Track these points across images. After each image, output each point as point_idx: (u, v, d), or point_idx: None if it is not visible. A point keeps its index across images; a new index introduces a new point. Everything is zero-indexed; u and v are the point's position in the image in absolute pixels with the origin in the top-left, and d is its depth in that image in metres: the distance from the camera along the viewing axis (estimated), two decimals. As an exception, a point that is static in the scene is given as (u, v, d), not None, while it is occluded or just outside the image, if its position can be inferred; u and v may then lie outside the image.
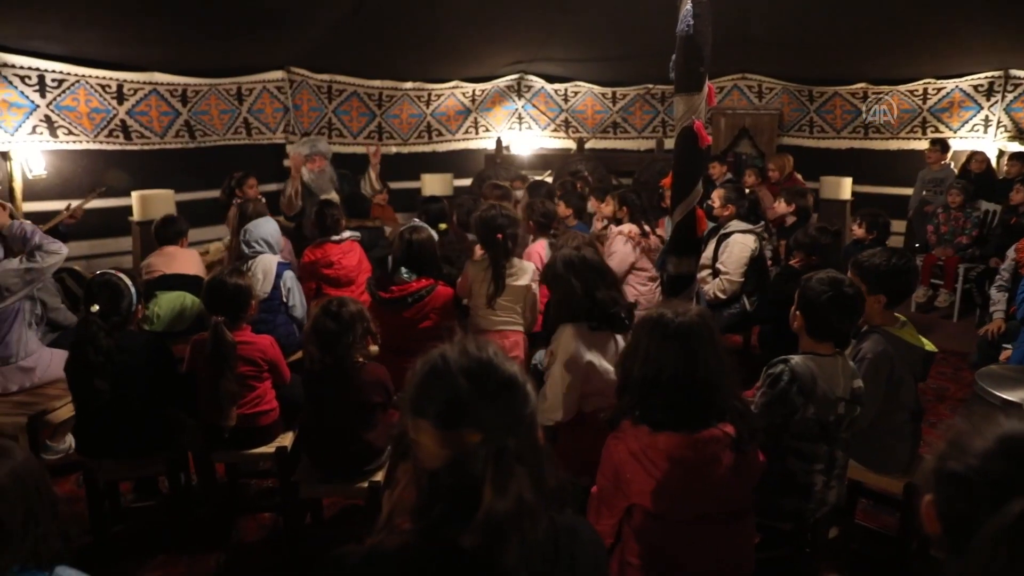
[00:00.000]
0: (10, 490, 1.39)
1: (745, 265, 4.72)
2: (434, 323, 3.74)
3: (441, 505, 1.14)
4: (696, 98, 3.61)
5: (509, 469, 1.12)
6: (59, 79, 6.30)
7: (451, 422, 1.16)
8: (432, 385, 1.20)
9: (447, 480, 1.15)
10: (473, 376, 1.18)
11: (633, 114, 9.46)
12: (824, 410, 2.44)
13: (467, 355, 1.21)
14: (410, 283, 3.74)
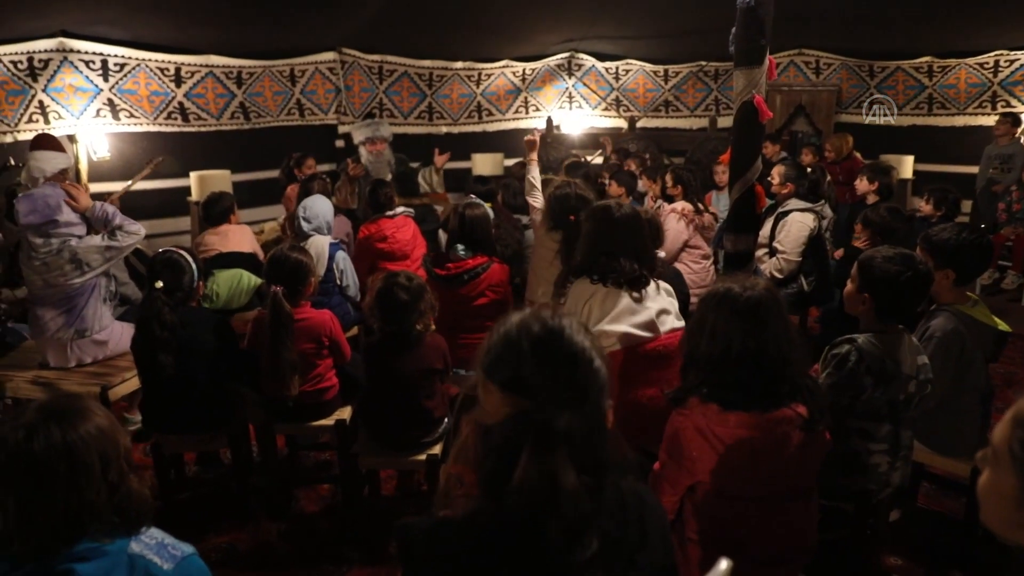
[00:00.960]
0: (92, 448, 1.42)
1: (803, 244, 4.61)
2: (489, 300, 3.76)
3: (492, 462, 1.18)
4: (756, 72, 3.53)
5: (550, 444, 1.13)
6: (121, 63, 6.47)
7: (513, 388, 1.20)
8: (503, 350, 1.23)
9: (496, 438, 1.18)
10: (538, 345, 1.21)
11: (686, 92, 9.30)
12: (893, 389, 2.38)
13: (540, 323, 1.23)
14: (466, 260, 3.76)
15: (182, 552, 1.49)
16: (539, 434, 1.14)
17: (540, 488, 1.12)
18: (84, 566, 1.39)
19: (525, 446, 1.13)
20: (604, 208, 2.92)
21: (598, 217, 2.89)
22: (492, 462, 1.18)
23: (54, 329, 3.48)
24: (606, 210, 2.90)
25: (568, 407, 1.17)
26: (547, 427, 1.14)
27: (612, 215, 2.86)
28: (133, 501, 1.48)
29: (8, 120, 5.85)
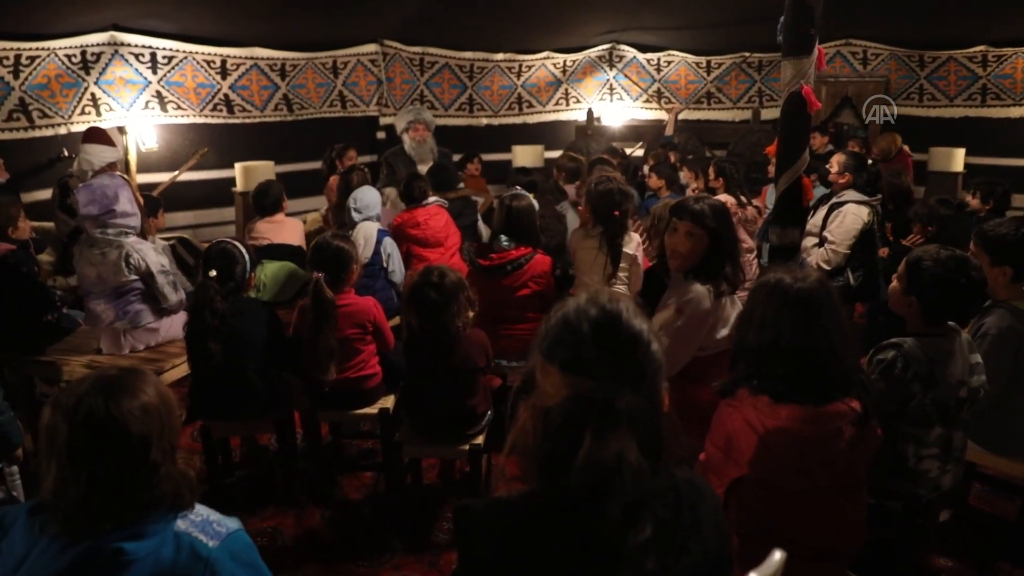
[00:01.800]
0: (133, 424, 1.42)
1: (854, 237, 4.51)
2: (531, 292, 3.77)
3: (552, 443, 1.18)
4: (805, 62, 3.45)
5: (614, 422, 1.15)
6: (169, 56, 6.59)
7: (573, 368, 1.21)
8: (562, 332, 1.24)
9: (557, 418, 1.18)
10: (598, 326, 1.22)
11: (728, 84, 9.16)
12: (944, 395, 2.31)
13: (598, 306, 1.24)
14: (509, 251, 3.76)
15: (227, 528, 1.51)
16: (602, 412, 1.15)
17: (604, 465, 1.12)
18: (132, 544, 1.40)
19: (588, 425, 1.14)
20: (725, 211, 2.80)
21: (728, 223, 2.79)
22: (552, 443, 1.18)
23: (107, 320, 3.56)
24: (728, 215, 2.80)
25: (628, 387, 1.18)
26: (610, 405, 1.15)
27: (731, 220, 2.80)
28: (177, 480, 1.49)
29: (62, 112, 6.00)
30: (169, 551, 1.43)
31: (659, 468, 1.23)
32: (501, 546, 1.22)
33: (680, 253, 2.67)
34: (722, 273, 2.67)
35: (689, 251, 2.66)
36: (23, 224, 4.09)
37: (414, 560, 3.08)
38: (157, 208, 4.71)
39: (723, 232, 2.67)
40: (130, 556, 1.40)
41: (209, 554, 1.44)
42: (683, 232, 2.64)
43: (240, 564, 1.49)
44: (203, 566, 1.43)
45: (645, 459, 1.16)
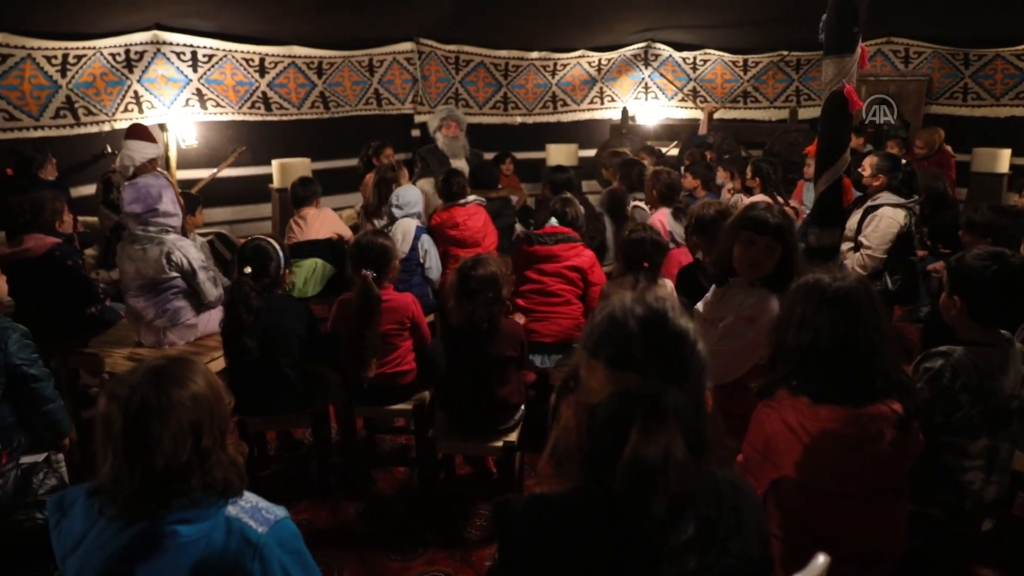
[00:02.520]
0: (185, 413, 1.47)
1: (891, 242, 4.42)
2: (575, 264, 3.98)
3: (596, 439, 1.18)
4: (848, 60, 3.41)
5: (661, 419, 1.14)
6: (209, 54, 6.70)
7: (619, 364, 1.20)
8: (609, 328, 1.24)
9: (603, 414, 1.18)
10: (645, 323, 1.22)
11: (765, 83, 9.05)
12: (993, 407, 2.25)
13: (644, 304, 1.24)
14: (558, 227, 4.08)
15: (275, 516, 1.55)
16: (649, 408, 1.14)
17: (650, 462, 1.11)
18: (186, 528, 1.46)
19: (634, 421, 1.13)
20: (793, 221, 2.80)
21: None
22: (596, 439, 1.18)
23: (147, 318, 3.63)
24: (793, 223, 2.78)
25: (674, 383, 1.17)
26: (657, 401, 1.14)
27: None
28: (227, 468, 1.53)
29: (107, 109, 6.13)
30: (220, 535, 1.48)
31: (701, 467, 1.22)
32: (542, 542, 1.22)
33: (764, 268, 2.62)
34: (790, 281, 2.63)
35: (770, 264, 2.62)
36: (68, 218, 4.18)
37: (446, 555, 3.10)
38: (196, 205, 4.79)
39: (794, 242, 2.64)
40: (183, 539, 1.45)
41: (258, 539, 1.49)
42: (764, 247, 2.58)
43: (286, 551, 1.54)
44: (252, 551, 1.48)
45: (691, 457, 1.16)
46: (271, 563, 1.50)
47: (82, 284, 3.99)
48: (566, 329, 3.95)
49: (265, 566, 1.49)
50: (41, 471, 1.97)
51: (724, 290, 2.73)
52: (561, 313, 3.96)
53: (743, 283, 2.67)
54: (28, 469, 1.95)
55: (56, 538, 1.58)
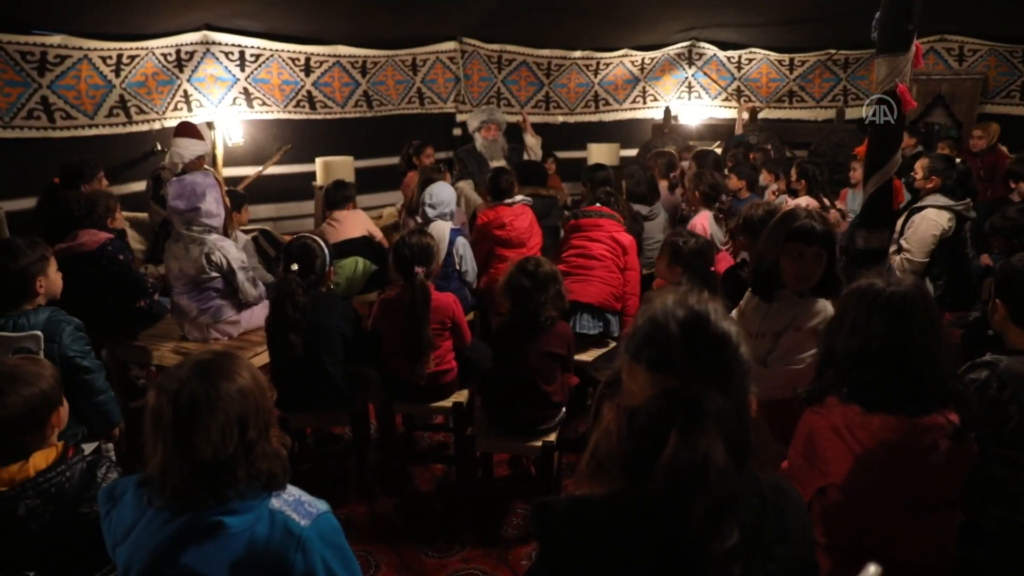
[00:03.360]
0: (232, 407, 1.50)
1: (930, 245, 4.29)
2: (613, 235, 4.15)
3: (636, 443, 1.17)
4: (901, 60, 3.33)
5: (701, 422, 1.13)
6: (256, 54, 6.82)
7: (660, 367, 1.19)
8: (650, 331, 1.22)
9: (643, 418, 1.17)
10: (687, 326, 1.20)
11: (812, 82, 8.88)
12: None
13: (685, 306, 1.22)
14: (604, 208, 4.27)
15: (317, 509, 1.58)
16: (689, 411, 1.13)
17: (690, 466, 1.11)
18: (232, 519, 1.49)
19: (674, 424, 1.12)
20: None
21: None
22: (636, 442, 1.17)
23: (191, 315, 3.70)
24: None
25: (716, 387, 1.16)
26: (697, 404, 1.13)
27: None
28: (271, 460, 1.56)
29: (157, 108, 6.28)
30: (264, 527, 1.51)
31: (744, 472, 1.20)
32: (582, 545, 1.22)
33: (815, 277, 2.57)
34: (836, 285, 2.57)
35: (819, 272, 2.56)
36: (120, 215, 4.30)
37: (482, 553, 3.11)
38: (241, 203, 4.87)
39: (835, 245, 2.59)
40: (229, 530, 1.48)
41: (301, 532, 1.51)
42: (812, 256, 2.52)
43: (328, 544, 1.56)
44: (295, 543, 1.50)
45: (731, 461, 1.14)
46: (313, 556, 1.52)
47: (132, 279, 4.08)
48: (603, 294, 4.01)
49: (307, 559, 1.51)
50: (104, 464, 2.02)
51: (771, 304, 2.66)
52: (600, 278, 4.05)
53: (791, 294, 2.62)
54: (92, 462, 2.01)
55: (107, 528, 1.62)
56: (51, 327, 2.79)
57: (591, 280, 4.03)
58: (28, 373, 1.98)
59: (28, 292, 2.84)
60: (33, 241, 2.91)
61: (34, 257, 2.85)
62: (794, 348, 2.54)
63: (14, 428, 1.91)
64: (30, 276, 2.83)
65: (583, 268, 4.08)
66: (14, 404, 1.90)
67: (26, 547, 1.88)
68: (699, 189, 4.80)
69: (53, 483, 1.89)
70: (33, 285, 2.84)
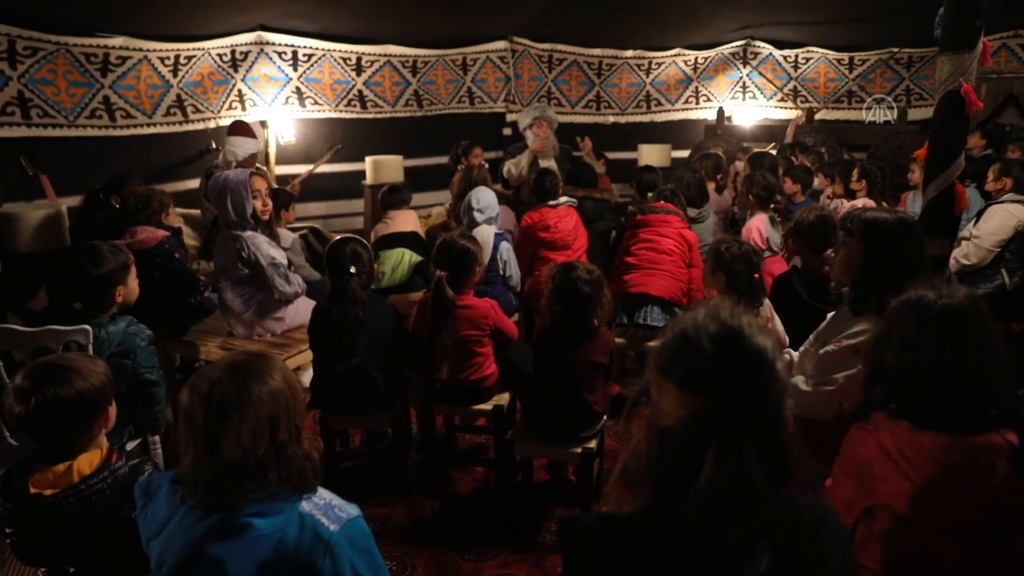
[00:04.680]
0: (262, 408, 1.49)
1: (1004, 236, 4.16)
2: (677, 231, 4.27)
3: (668, 464, 1.13)
4: (967, 58, 3.17)
5: (738, 443, 1.08)
6: (309, 54, 6.91)
7: (692, 385, 1.14)
8: (681, 347, 1.17)
9: (676, 439, 1.13)
10: (720, 343, 1.14)
11: (872, 82, 8.59)
12: None
13: (718, 321, 1.16)
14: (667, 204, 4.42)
15: (347, 514, 1.56)
16: (726, 432, 1.08)
17: (727, 488, 1.07)
18: (261, 521, 1.49)
19: (710, 445, 1.08)
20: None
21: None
22: (669, 463, 1.13)
23: (236, 310, 3.75)
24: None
25: (752, 407, 1.11)
26: (734, 426, 1.08)
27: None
28: (301, 463, 1.55)
29: (212, 107, 6.41)
30: (294, 530, 1.50)
31: (781, 494, 1.15)
32: (608, 563, 1.18)
33: (850, 268, 2.45)
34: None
35: (856, 265, 2.46)
36: (173, 211, 4.40)
37: (519, 559, 3.07)
38: (288, 202, 4.93)
39: (894, 250, 2.41)
40: (258, 531, 1.48)
41: (330, 537, 1.50)
42: (852, 247, 2.43)
43: (357, 550, 1.55)
44: (324, 548, 1.49)
45: (769, 483, 1.10)
46: (341, 561, 1.51)
47: (186, 275, 4.17)
48: (672, 288, 4.08)
49: (335, 563, 1.50)
50: (146, 469, 2.04)
51: (836, 312, 2.57)
52: (670, 272, 4.12)
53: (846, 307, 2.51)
54: (135, 467, 2.03)
55: (142, 522, 1.64)
56: (127, 340, 2.77)
57: (660, 274, 4.12)
58: (84, 368, 1.99)
59: (106, 300, 2.80)
60: (116, 248, 2.87)
61: (116, 264, 2.80)
62: (827, 365, 2.43)
63: (65, 422, 1.93)
64: (111, 284, 2.79)
65: (652, 262, 4.18)
66: (68, 396, 1.91)
67: (67, 548, 1.92)
68: (752, 192, 4.68)
69: (95, 490, 1.91)
70: (112, 293, 2.80)
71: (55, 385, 1.91)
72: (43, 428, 1.93)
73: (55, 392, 1.90)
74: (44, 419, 1.90)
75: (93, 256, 2.77)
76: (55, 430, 1.94)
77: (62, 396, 1.90)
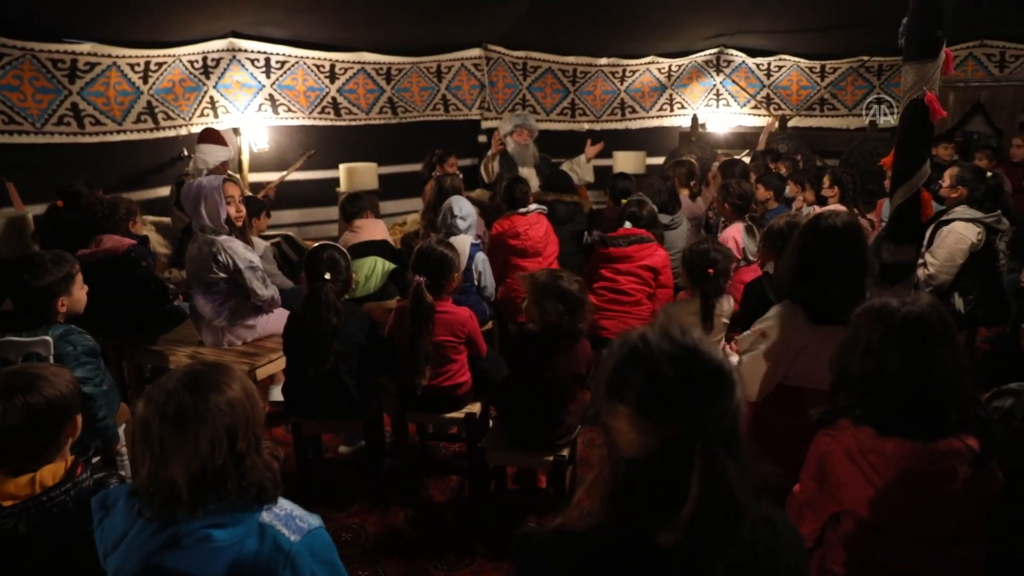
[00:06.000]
0: (220, 418, 1.47)
1: (959, 260, 4.16)
2: (649, 264, 4.18)
3: (638, 495, 1.10)
4: (930, 67, 3.21)
5: (720, 464, 1.06)
6: (282, 61, 6.87)
7: (654, 411, 1.09)
8: (632, 369, 1.12)
9: (649, 471, 1.09)
10: (679, 364, 1.10)
11: (844, 90, 8.71)
12: None
13: (671, 341, 1.12)
14: (632, 228, 4.24)
15: (309, 525, 1.55)
16: (708, 457, 1.05)
17: (719, 512, 1.05)
18: (220, 532, 1.46)
19: (694, 473, 1.05)
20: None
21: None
22: (640, 494, 1.10)
23: (207, 317, 3.70)
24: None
25: (724, 425, 1.08)
26: (714, 449, 1.06)
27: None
28: (260, 473, 1.53)
29: (184, 114, 6.35)
30: (253, 541, 1.48)
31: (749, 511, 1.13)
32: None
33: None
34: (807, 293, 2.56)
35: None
36: (140, 220, 4.34)
37: (493, 567, 3.06)
38: (260, 209, 4.89)
39: (798, 250, 2.58)
40: (217, 543, 1.46)
41: (291, 548, 1.49)
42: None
43: (318, 560, 1.53)
44: (284, 558, 1.48)
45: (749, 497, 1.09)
46: (302, 572, 1.49)
47: (154, 284, 4.12)
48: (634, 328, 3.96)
49: (296, 574, 1.48)
50: (111, 482, 1.98)
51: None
52: (631, 313, 4.12)
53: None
54: (100, 480, 1.98)
55: (99, 536, 1.61)
56: (59, 348, 2.68)
57: (621, 317, 4.11)
58: (52, 375, 1.95)
59: (47, 311, 2.74)
60: (60, 257, 2.80)
61: (58, 275, 2.74)
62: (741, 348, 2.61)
63: (31, 431, 1.87)
64: (52, 295, 2.73)
65: (613, 304, 4.16)
66: (37, 404, 1.86)
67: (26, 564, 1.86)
68: (728, 200, 4.70)
69: (56, 502, 1.85)
70: (53, 305, 2.74)
71: (24, 393, 1.86)
72: (10, 437, 1.86)
73: (24, 400, 1.85)
74: (12, 427, 1.84)
75: (33, 268, 2.71)
76: (20, 440, 1.89)
77: (31, 404, 1.86)
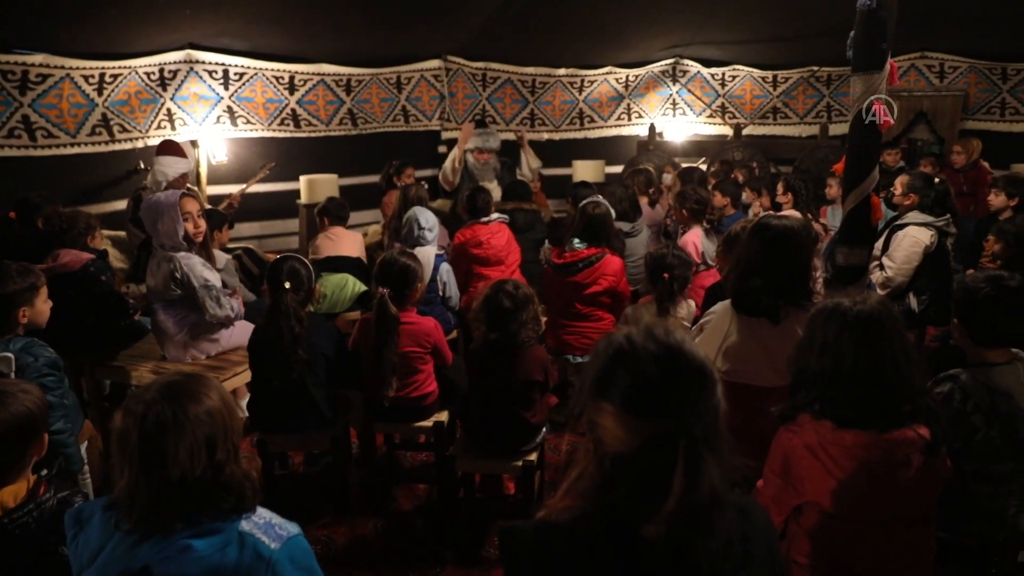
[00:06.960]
0: (200, 428, 1.48)
1: (914, 263, 4.34)
2: (603, 288, 4.07)
3: (623, 490, 1.14)
4: (876, 77, 3.35)
5: (702, 460, 1.10)
6: (240, 72, 6.81)
7: (640, 409, 1.14)
8: (618, 368, 1.16)
9: (633, 466, 1.13)
10: (664, 363, 1.15)
11: (795, 99, 8.96)
12: (1012, 427, 2.20)
13: (656, 341, 1.17)
14: (580, 251, 4.07)
15: (288, 532, 1.56)
16: (691, 453, 1.09)
17: (702, 505, 1.09)
18: (200, 542, 1.47)
19: (677, 468, 1.09)
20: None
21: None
22: (625, 490, 1.14)
23: (170, 333, 3.67)
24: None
25: (706, 421, 1.13)
26: (697, 444, 1.10)
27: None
28: (239, 482, 1.54)
29: (140, 127, 6.26)
30: (234, 550, 1.49)
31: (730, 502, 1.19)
32: (548, 571, 1.20)
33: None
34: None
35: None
36: (99, 234, 4.27)
37: (463, 574, 3.08)
38: (222, 222, 4.84)
39: (736, 250, 2.79)
40: (197, 553, 1.46)
41: (271, 555, 1.50)
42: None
43: (298, 568, 1.54)
44: (265, 566, 1.49)
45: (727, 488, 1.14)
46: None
47: (114, 299, 4.05)
48: (588, 343, 4.06)
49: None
50: (75, 501, 1.95)
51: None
52: (592, 327, 4.14)
53: None
54: (63, 499, 1.95)
55: (73, 552, 1.59)
56: (20, 359, 2.64)
57: (583, 331, 4.13)
58: (18, 391, 1.92)
59: (8, 321, 2.72)
60: (27, 268, 2.80)
61: (22, 286, 2.74)
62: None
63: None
64: (14, 305, 2.72)
65: (573, 321, 4.16)
66: (3, 420, 1.84)
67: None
68: (685, 206, 4.81)
69: (18, 523, 1.82)
70: (16, 314, 2.73)
71: None
72: None
73: None
74: None
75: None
76: None
77: None
